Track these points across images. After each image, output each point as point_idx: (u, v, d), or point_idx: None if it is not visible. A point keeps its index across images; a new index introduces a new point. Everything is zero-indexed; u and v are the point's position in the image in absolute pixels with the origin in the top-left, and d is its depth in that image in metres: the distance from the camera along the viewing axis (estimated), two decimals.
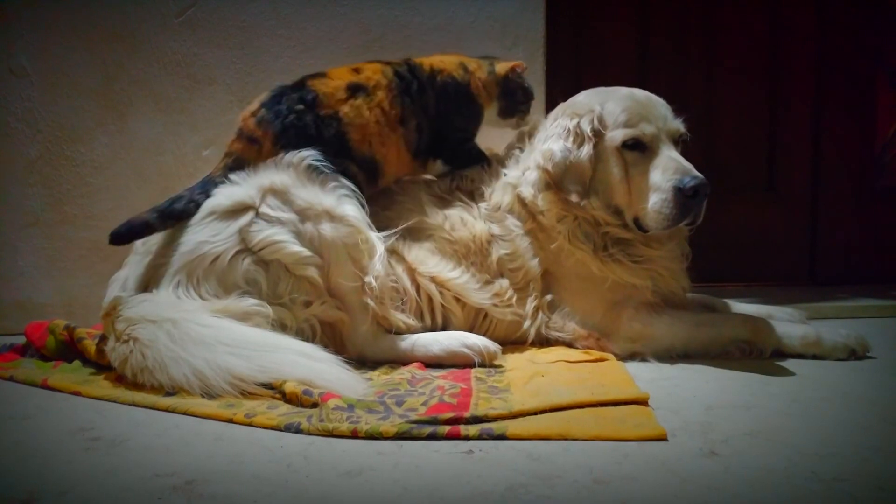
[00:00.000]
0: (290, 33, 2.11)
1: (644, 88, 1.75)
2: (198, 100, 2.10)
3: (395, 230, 1.66)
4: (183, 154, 2.10)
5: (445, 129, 1.77)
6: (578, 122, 1.67)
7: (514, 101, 1.81)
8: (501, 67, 1.79)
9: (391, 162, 1.71)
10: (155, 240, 1.57)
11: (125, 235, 1.53)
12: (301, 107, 1.60)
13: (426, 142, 1.75)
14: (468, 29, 2.14)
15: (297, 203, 1.53)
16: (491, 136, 1.91)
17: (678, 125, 1.69)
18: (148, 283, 1.54)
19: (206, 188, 1.58)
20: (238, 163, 1.60)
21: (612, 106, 1.68)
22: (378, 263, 1.57)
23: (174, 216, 1.54)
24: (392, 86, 1.68)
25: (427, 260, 1.68)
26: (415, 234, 1.71)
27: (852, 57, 2.66)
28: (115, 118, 2.08)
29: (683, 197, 1.57)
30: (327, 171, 1.57)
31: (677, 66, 2.63)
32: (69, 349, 1.62)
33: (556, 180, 1.68)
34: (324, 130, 1.60)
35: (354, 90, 1.65)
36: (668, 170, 1.60)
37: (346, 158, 1.63)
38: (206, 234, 1.51)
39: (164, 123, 2.09)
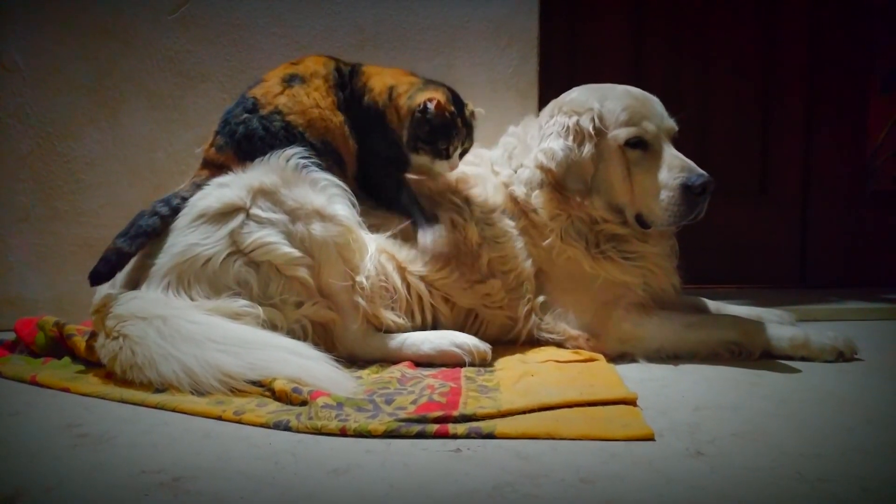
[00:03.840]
0: (283, 31, 2.11)
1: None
2: (190, 97, 2.09)
3: (387, 233, 1.66)
4: (175, 151, 2.10)
5: (369, 157, 1.68)
6: (578, 120, 1.67)
7: (414, 135, 1.62)
8: (422, 96, 1.61)
9: (345, 151, 1.68)
10: None
11: (107, 274, 1.46)
12: (245, 115, 1.62)
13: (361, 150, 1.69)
14: (462, 29, 2.14)
15: (288, 203, 1.53)
16: (483, 133, 1.91)
17: (673, 123, 1.70)
18: (138, 282, 1.53)
19: (170, 201, 1.56)
20: (202, 182, 1.61)
21: (611, 104, 1.68)
22: (369, 263, 1.57)
23: (143, 234, 1.50)
24: (329, 77, 1.67)
25: (417, 259, 1.68)
26: (406, 233, 1.71)
27: (844, 61, 2.68)
28: (108, 114, 2.08)
29: (692, 194, 1.59)
30: (314, 167, 1.57)
31: (671, 67, 2.65)
32: (59, 345, 1.62)
33: (559, 179, 1.68)
34: (270, 126, 1.60)
35: (290, 80, 1.65)
36: (673, 168, 1.62)
37: (306, 147, 1.60)
38: (196, 237, 1.51)
39: (156, 120, 2.09)
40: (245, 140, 1.61)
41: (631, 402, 1.23)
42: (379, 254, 1.61)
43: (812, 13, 2.67)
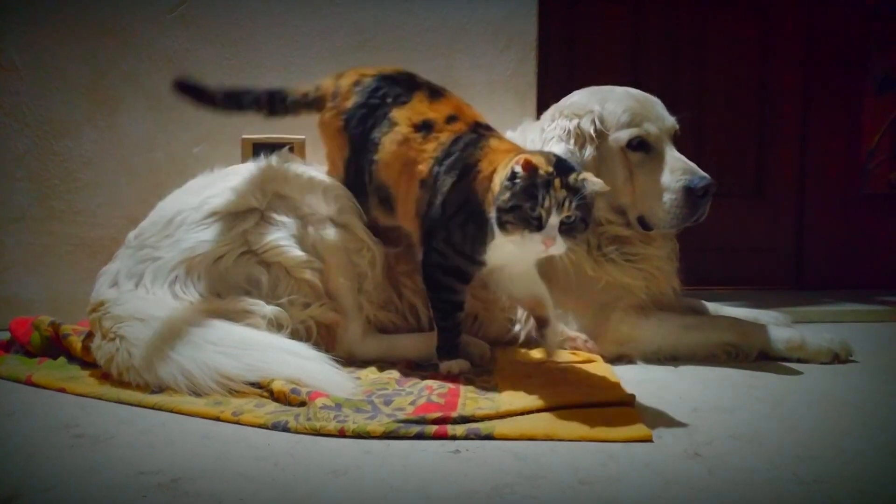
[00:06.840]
0: (283, 31, 2.10)
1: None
2: None
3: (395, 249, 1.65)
4: (173, 151, 2.09)
5: (440, 244, 1.41)
6: (579, 123, 1.66)
7: (499, 208, 1.26)
8: (513, 162, 1.25)
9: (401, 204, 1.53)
10: (148, 234, 1.56)
11: (189, 89, 1.60)
12: (372, 104, 1.53)
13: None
14: (461, 31, 2.14)
15: (302, 209, 1.55)
16: None
17: (674, 122, 1.70)
18: (140, 278, 1.52)
19: (273, 99, 1.59)
20: (313, 99, 1.60)
21: (612, 106, 1.68)
22: (379, 271, 1.58)
23: (236, 105, 1.59)
24: (453, 141, 1.44)
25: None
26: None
27: (839, 63, 2.69)
28: (105, 114, 2.07)
29: (694, 197, 1.60)
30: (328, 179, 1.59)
31: (669, 69, 2.66)
32: (54, 346, 1.61)
33: None
34: (369, 140, 1.51)
35: (422, 125, 1.47)
36: (676, 170, 1.62)
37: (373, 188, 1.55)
38: (209, 234, 1.52)
39: (154, 120, 2.08)
40: (355, 118, 1.54)
41: (629, 404, 1.24)
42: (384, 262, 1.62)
43: (808, 16, 2.68)
